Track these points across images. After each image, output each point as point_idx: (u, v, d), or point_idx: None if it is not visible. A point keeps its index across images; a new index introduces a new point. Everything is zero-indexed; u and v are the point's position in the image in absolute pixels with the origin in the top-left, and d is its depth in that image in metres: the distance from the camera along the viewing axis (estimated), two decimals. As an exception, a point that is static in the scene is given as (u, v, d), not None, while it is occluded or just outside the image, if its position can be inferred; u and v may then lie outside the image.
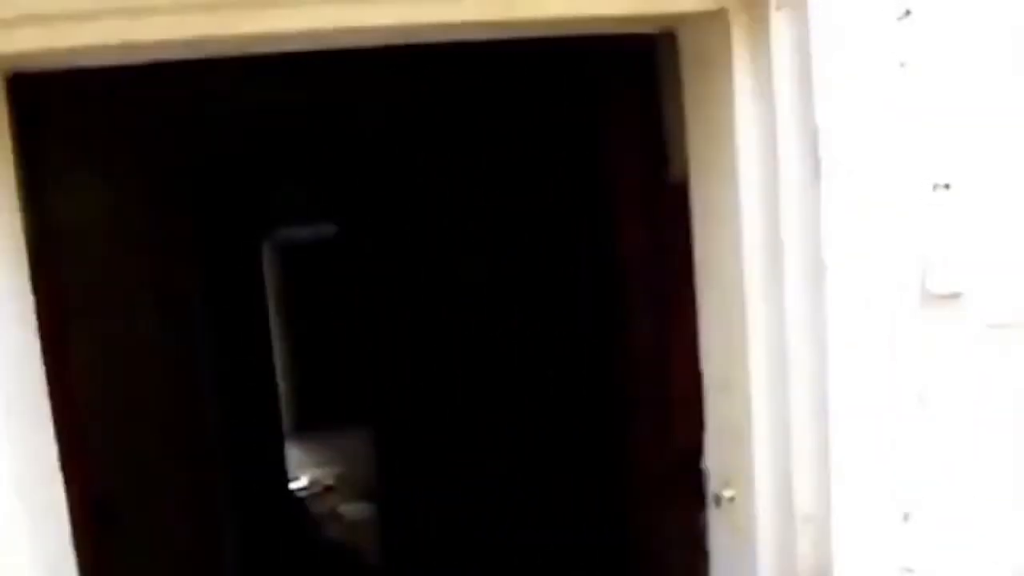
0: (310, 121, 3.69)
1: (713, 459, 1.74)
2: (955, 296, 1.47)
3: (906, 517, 1.49)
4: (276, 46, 1.41)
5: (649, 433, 2.50)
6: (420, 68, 3.05)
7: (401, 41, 1.41)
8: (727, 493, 1.66)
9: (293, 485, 6.21)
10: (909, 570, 1.50)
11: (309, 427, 6.44)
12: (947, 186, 1.44)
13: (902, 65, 1.40)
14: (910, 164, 1.43)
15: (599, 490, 3.04)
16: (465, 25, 1.36)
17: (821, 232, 1.44)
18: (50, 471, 1.45)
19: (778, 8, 1.43)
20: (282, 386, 6.14)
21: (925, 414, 1.48)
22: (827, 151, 1.41)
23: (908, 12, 1.41)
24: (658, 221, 2.24)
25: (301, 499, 6.22)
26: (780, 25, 1.43)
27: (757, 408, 1.57)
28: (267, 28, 1.30)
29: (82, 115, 3.12)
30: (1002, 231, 1.47)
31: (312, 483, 6.39)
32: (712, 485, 1.74)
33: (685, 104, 1.71)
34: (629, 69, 2.27)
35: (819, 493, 1.50)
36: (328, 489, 6.40)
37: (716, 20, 1.49)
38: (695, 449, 1.80)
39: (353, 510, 6.09)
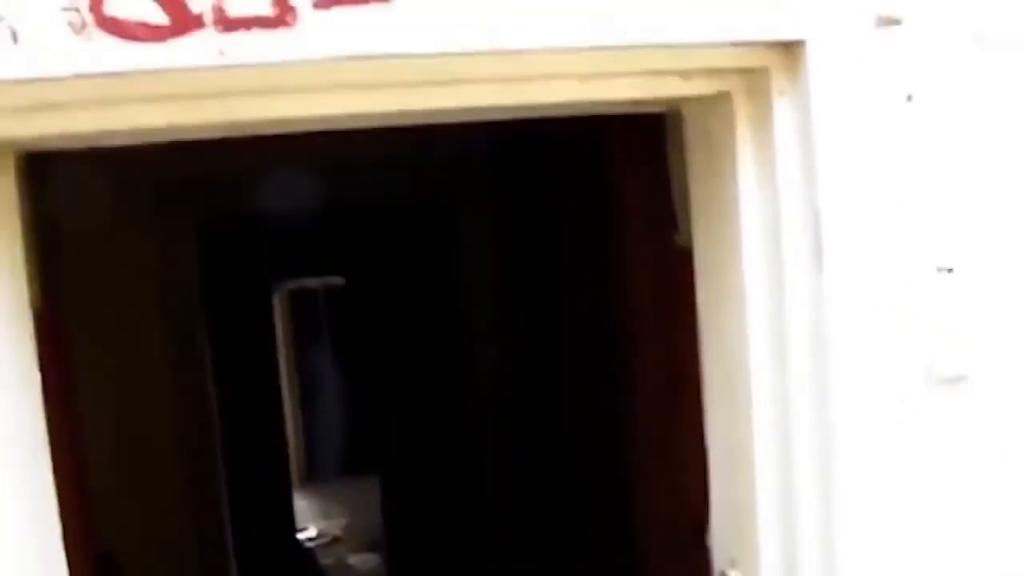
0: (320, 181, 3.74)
1: (719, 537, 1.72)
2: (961, 379, 1.47)
3: (913, 602, 1.47)
4: (287, 128, 1.43)
5: (659, 505, 2.46)
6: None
7: (404, 124, 1.43)
8: (733, 574, 1.64)
9: (301, 535, 6.18)
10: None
11: (317, 477, 6.43)
12: (951, 270, 1.44)
13: (904, 150, 1.41)
14: (913, 248, 1.43)
15: (609, 559, 3.01)
16: (467, 110, 1.38)
17: (824, 313, 1.44)
18: (50, 525, 1.44)
19: (781, 93, 1.44)
20: (291, 436, 6.15)
21: (931, 498, 1.47)
22: (829, 234, 1.41)
23: (910, 97, 1.42)
24: (666, 286, 2.24)
25: (309, 549, 6.19)
26: (783, 110, 1.44)
27: (762, 487, 1.55)
28: (274, 114, 1.32)
29: (92, 173, 3.16)
30: (1007, 313, 1.47)
31: (320, 533, 6.36)
32: (717, 563, 1.72)
33: (690, 179, 1.71)
34: (639, 135, 2.28)
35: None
36: (336, 540, 6.37)
37: (720, 103, 1.50)
38: (705, 522, 1.78)
39: (361, 560, 6.05)
